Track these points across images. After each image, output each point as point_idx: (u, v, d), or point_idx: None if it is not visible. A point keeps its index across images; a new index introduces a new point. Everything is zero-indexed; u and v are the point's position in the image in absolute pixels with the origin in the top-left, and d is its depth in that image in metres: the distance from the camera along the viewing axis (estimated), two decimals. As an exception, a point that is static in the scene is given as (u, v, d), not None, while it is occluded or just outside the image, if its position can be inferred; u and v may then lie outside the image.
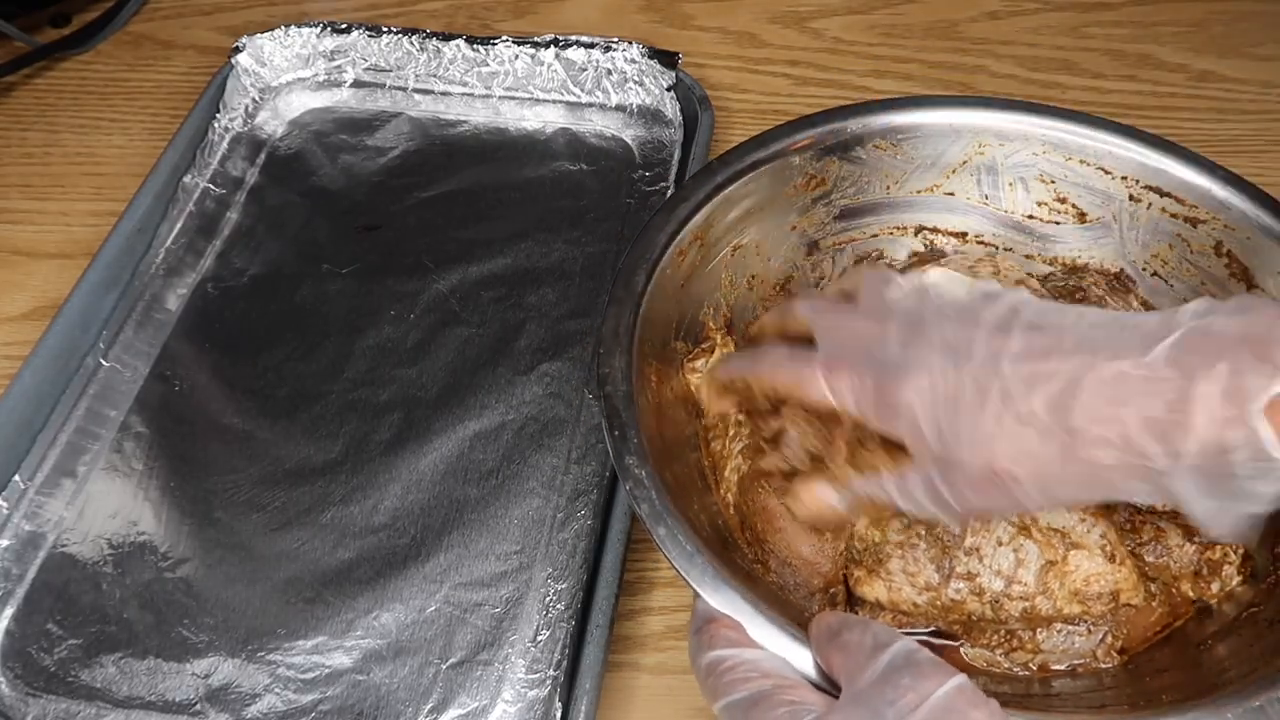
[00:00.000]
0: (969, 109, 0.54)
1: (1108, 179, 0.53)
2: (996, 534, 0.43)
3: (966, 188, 0.55)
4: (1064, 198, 0.54)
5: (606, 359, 0.44)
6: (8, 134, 0.72)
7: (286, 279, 0.62)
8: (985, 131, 0.53)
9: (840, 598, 0.45)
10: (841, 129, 0.53)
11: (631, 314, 0.46)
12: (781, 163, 0.52)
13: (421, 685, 0.47)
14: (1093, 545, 0.43)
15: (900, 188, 0.55)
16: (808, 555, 0.45)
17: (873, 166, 0.54)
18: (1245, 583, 0.44)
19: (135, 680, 0.47)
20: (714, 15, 0.80)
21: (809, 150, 0.52)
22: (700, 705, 0.47)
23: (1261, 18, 0.78)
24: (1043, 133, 0.53)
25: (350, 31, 0.71)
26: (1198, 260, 0.51)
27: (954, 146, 0.54)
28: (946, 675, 0.32)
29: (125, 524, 0.52)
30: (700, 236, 0.50)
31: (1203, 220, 0.51)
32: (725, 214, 0.51)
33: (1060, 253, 0.55)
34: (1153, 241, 0.53)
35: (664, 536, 0.39)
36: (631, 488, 0.40)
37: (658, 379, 0.46)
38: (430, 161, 0.68)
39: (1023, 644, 0.44)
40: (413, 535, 0.51)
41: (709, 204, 0.50)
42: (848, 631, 0.34)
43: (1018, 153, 0.54)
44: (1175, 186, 0.51)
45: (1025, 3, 0.80)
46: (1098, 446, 0.33)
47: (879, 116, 0.53)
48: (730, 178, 0.51)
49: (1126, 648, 0.44)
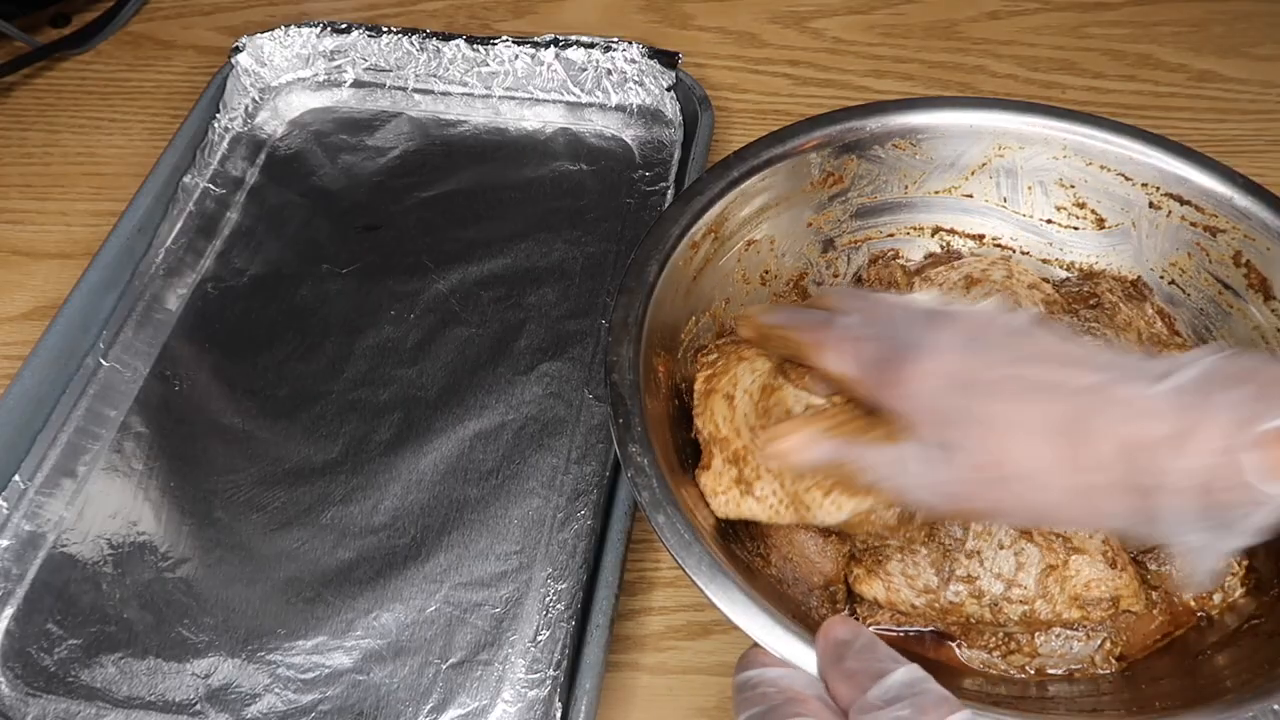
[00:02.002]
0: (990, 111, 0.53)
1: (1128, 185, 0.52)
2: (998, 537, 0.43)
3: (985, 190, 0.55)
4: (1083, 203, 0.54)
5: (615, 347, 0.44)
6: (8, 134, 0.72)
7: (286, 279, 0.62)
8: (1006, 134, 0.53)
9: (840, 596, 0.45)
10: (861, 127, 0.53)
11: (642, 305, 0.46)
12: (799, 159, 0.52)
13: (421, 685, 0.47)
14: (1094, 551, 0.43)
15: (918, 188, 0.55)
16: (811, 554, 0.45)
17: (891, 166, 0.54)
18: (1248, 595, 0.44)
19: (135, 680, 0.47)
20: (714, 15, 0.80)
21: (827, 147, 0.52)
22: (700, 705, 0.47)
23: (1261, 18, 0.78)
24: (1064, 137, 0.53)
25: (350, 31, 0.71)
26: (1216, 270, 0.51)
27: (974, 148, 0.54)
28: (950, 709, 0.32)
29: (125, 524, 0.52)
30: (714, 230, 0.50)
31: (1222, 229, 0.50)
32: (740, 208, 0.51)
33: (1077, 258, 0.55)
34: (1171, 249, 0.52)
35: (662, 524, 0.39)
36: (633, 475, 0.40)
37: (665, 370, 0.46)
38: (430, 161, 0.68)
39: (1020, 647, 0.44)
40: (413, 535, 0.51)
41: (724, 198, 0.50)
42: (853, 658, 0.34)
43: (1038, 156, 0.53)
44: (1196, 194, 0.51)
45: (1025, 3, 0.80)
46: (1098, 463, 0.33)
47: (899, 116, 0.53)
48: (747, 172, 0.51)
49: (1125, 655, 0.44)
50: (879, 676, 0.33)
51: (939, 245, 0.56)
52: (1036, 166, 0.54)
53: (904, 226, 0.56)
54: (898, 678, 0.33)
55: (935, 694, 0.32)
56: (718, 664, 0.48)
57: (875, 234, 0.56)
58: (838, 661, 0.35)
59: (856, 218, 0.55)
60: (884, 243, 0.56)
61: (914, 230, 0.56)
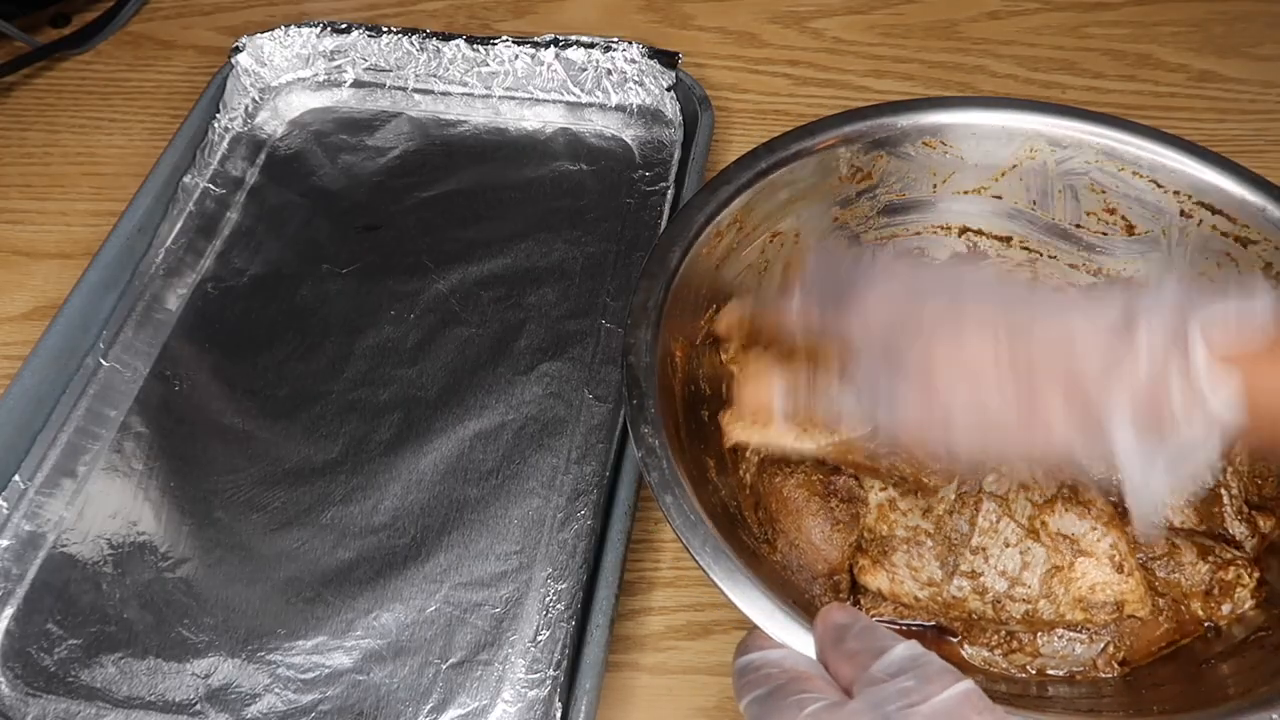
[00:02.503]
0: (1023, 112, 0.53)
1: (1160, 192, 0.51)
2: (1004, 535, 0.43)
3: (1015, 191, 0.54)
4: (1113, 208, 0.53)
5: (634, 330, 0.44)
6: (8, 134, 0.72)
7: (286, 279, 0.62)
8: (1038, 136, 0.52)
9: (844, 585, 0.45)
10: (892, 124, 0.52)
11: (663, 290, 0.46)
12: (828, 153, 0.51)
13: (421, 685, 0.47)
14: (1101, 554, 0.42)
15: (947, 187, 0.54)
16: (817, 541, 0.45)
17: (921, 164, 0.53)
18: (1258, 607, 0.44)
19: (135, 680, 0.47)
20: (714, 15, 0.80)
21: (857, 143, 0.52)
22: (700, 705, 0.47)
23: (1261, 18, 0.78)
24: (1096, 141, 0.52)
25: (350, 31, 0.71)
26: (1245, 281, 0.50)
27: (1005, 149, 0.53)
28: (953, 679, 0.32)
29: (125, 524, 0.52)
30: (739, 220, 0.50)
31: (1254, 240, 0.49)
32: (767, 200, 0.51)
33: (1105, 264, 0.54)
34: (1200, 259, 0.51)
35: (670, 504, 0.39)
36: (644, 456, 0.41)
37: (682, 354, 0.47)
38: (430, 161, 0.68)
39: (1022, 646, 0.44)
40: (413, 535, 0.51)
41: (751, 188, 0.49)
42: (853, 639, 0.35)
43: (1070, 159, 0.52)
44: (1228, 204, 0.50)
45: (1025, 3, 0.80)
46: (1046, 385, 0.35)
47: (931, 114, 0.52)
48: (775, 164, 0.50)
49: (1128, 660, 0.44)
50: (880, 654, 0.33)
51: (965, 246, 0.55)
52: (1068, 170, 0.53)
53: (930, 225, 0.55)
54: (900, 652, 0.33)
55: (937, 665, 0.33)
56: (718, 664, 0.48)
57: (902, 232, 0.55)
58: (838, 643, 0.35)
59: (883, 215, 0.55)
60: (910, 241, 0.55)
61: (941, 229, 0.55)
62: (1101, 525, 0.43)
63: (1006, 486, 0.43)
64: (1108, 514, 0.43)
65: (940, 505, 0.43)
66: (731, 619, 0.49)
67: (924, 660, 0.33)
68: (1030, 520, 0.43)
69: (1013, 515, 0.43)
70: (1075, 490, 0.43)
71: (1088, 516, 0.43)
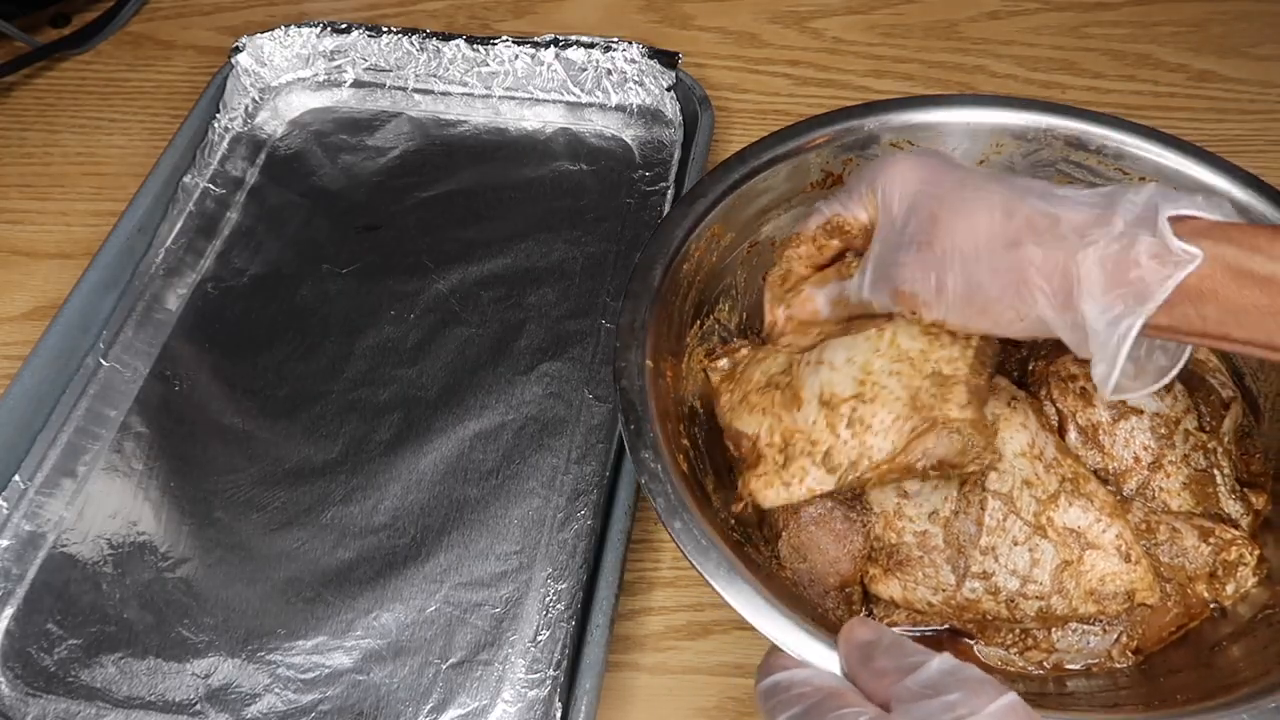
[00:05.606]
0: (985, 108, 0.54)
1: (1125, 180, 0.52)
2: (1012, 534, 0.43)
3: None
4: None
5: (623, 353, 0.44)
6: (8, 134, 0.72)
7: (286, 279, 0.62)
8: (1003, 131, 0.53)
9: (856, 597, 0.45)
10: (859, 127, 0.53)
11: (647, 309, 0.46)
12: (799, 160, 0.52)
13: (421, 685, 0.47)
14: (1108, 545, 0.43)
15: None
16: (828, 548, 0.45)
17: None
18: (1261, 585, 0.44)
19: (135, 680, 0.47)
20: (714, 15, 0.80)
21: (827, 148, 0.53)
22: (700, 705, 0.47)
23: (1261, 18, 0.78)
24: (1061, 131, 0.53)
25: (350, 31, 0.71)
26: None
27: (972, 146, 0.54)
28: (997, 691, 0.31)
29: (125, 524, 0.52)
30: (717, 233, 0.50)
31: None
32: (742, 210, 0.51)
33: None
34: None
35: (679, 530, 0.39)
36: (647, 481, 0.41)
37: (673, 374, 0.47)
38: (430, 161, 0.68)
39: (1037, 643, 0.44)
40: (413, 535, 0.51)
41: (726, 200, 0.50)
42: (883, 656, 0.34)
43: (1037, 152, 0.53)
44: (1194, 188, 0.50)
45: (1025, 3, 0.80)
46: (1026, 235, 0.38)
47: (896, 115, 0.53)
48: (748, 174, 0.51)
49: (1141, 648, 0.44)
50: (913, 669, 0.33)
51: None
52: (1036, 162, 0.54)
53: None
54: (935, 666, 0.33)
55: (978, 676, 0.32)
56: (718, 664, 0.49)
57: None
58: (867, 662, 0.35)
59: None
60: None
61: None
62: (1106, 516, 0.43)
63: (1010, 484, 0.43)
64: (1110, 504, 0.43)
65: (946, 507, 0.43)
66: (731, 620, 0.49)
67: (964, 674, 0.32)
68: (1036, 516, 0.43)
69: (1018, 512, 0.43)
70: (1076, 482, 0.43)
71: (1091, 509, 0.43)
